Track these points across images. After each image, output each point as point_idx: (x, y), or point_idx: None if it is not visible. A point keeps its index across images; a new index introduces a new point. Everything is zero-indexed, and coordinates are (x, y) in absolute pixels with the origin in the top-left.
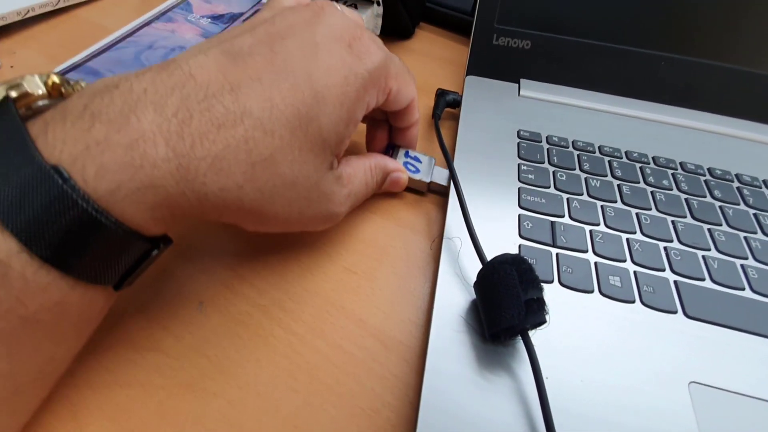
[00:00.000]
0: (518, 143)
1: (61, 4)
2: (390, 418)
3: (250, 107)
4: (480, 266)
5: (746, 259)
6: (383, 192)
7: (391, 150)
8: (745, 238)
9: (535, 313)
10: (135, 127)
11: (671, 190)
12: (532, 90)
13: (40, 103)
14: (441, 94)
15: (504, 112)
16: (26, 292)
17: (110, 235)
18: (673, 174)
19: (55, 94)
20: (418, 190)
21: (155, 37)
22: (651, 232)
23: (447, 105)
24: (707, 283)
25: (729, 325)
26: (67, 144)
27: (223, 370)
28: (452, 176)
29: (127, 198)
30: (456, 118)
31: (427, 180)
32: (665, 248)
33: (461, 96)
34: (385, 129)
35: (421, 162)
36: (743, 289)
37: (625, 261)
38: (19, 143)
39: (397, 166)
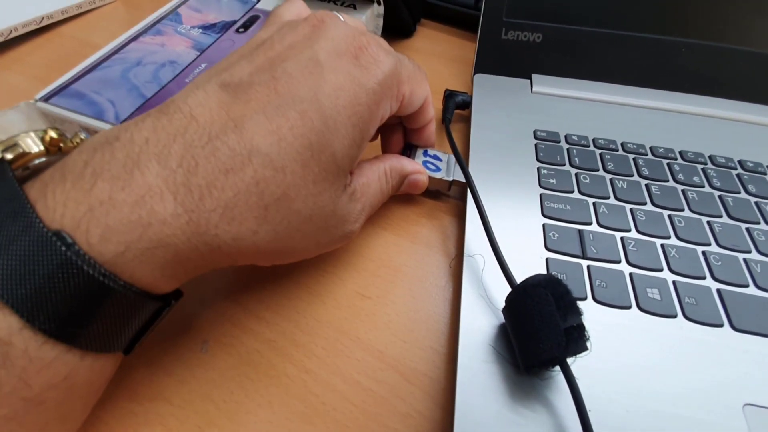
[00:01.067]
0: (536, 145)
1: (45, 22)
2: None
3: (257, 144)
4: (508, 288)
5: None
6: (400, 194)
7: (408, 150)
8: None
9: (576, 342)
10: (140, 182)
11: (703, 187)
12: (545, 85)
13: (37, 161)
14: (450, 95)
15: (517, 112)
16: (30, 371)
17: (120, 299)
18: (703, 169)
19: (54, 150)
20: (439, 190)
21: (144, 52)
22: (686, 235)
23: (456, 107)
24: (752, 290)
25: None
26: (68, 207)
27: (232, 416)
28: (470, 186)
29: (136, 259)
30: (466, 120)
31: (449, 178)
32: (703, 253)
33: (470, 96)
34: (399, 131)
35: (441, 160)
36: None
37: (662, 270)
38: (17, 209)
39: (415, 167)
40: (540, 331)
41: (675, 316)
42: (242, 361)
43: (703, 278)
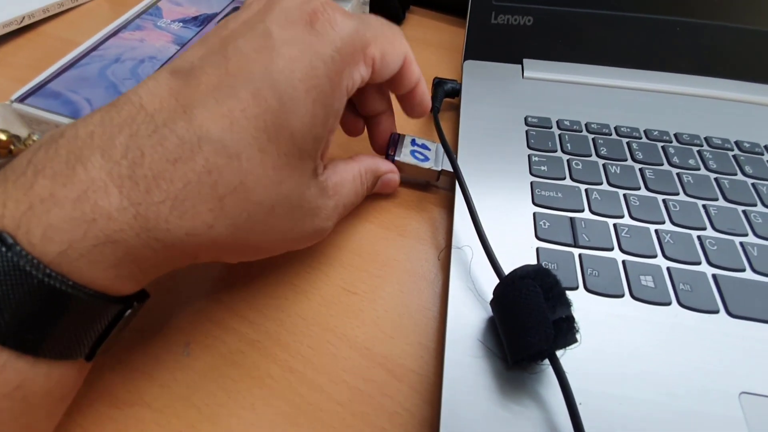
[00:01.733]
0: (527, 131)
1: (27, 21)
2: None
3: (207, 130)
4: (496, 279)
5: None
6: (375, 194)
7: (395, 140)
8: None
9: (565, 334)
10: (82, 177)
11: (699, 170)
12: (537, 70)
13: None
14: (438, 83)
15: (508, 98)
16: None
17: (70, 302)
18: (699, 151)
19: (4, 153)
20: (428, 181)
21: (123, 48)
22: (681, 220)
23: (446, 95)
24: (749, 274)
25: None
26: (8, 207)
27: (214, 420)
28: (457, 175)
29: (83, 258)
30: (456, 109)
31: (438, 168)
32: (699, 237)
33: (460, 84)
34: (385, 120)
35: (429, 150)
36: None
37: (656, 256)
38: None
39: (389, 167)
40: (528, 323)
41: (669, 304)
42: (225, 362)
43: (699, 263)
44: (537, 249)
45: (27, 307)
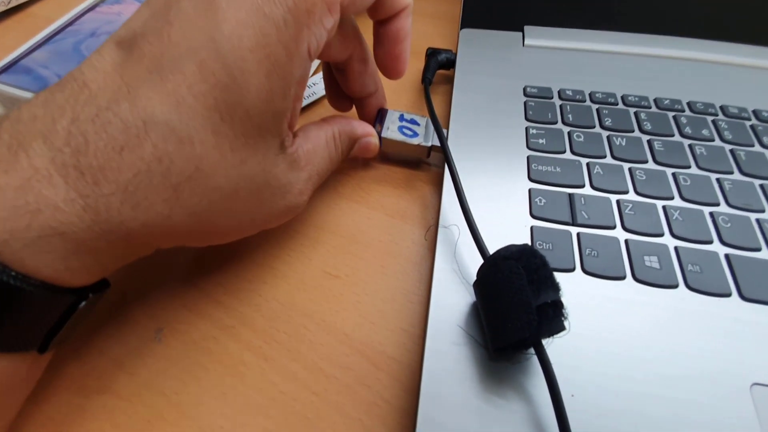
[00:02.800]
0: (525, 102)
1: (14, 3)
2: None
3: (152, 112)
4: (481, 260)
5: None
6: (353, 158)
7: (382, 116)
8: None
9: (551, 321)
10: (24, 165)
11: (713, 141)
12: (538, 37)
13: None
14: (432, 54)
15: (506, 68)
16: None
17: (12, 292)
18: (713, 121)
19: None
20: (419, 158)
21: (99, 22)
22: (692, 195)
23: (439, 66)
24: (765, 254)
25: None
26: None
27: (183, 409)
28: (443, 149)
29: (27, 248)
30: (451, 81)
31: (428, 144)
32: (711, 214)
33: (455, 54)
34: (374, 101)
35: (418, 125)
36: None
37: (662, 235)
38: None
39: (366, 129)
40: (509, 309)
41: (676, 286)
42: (197, 349)
43: (710, 242)
44: (531, 228)
45: None
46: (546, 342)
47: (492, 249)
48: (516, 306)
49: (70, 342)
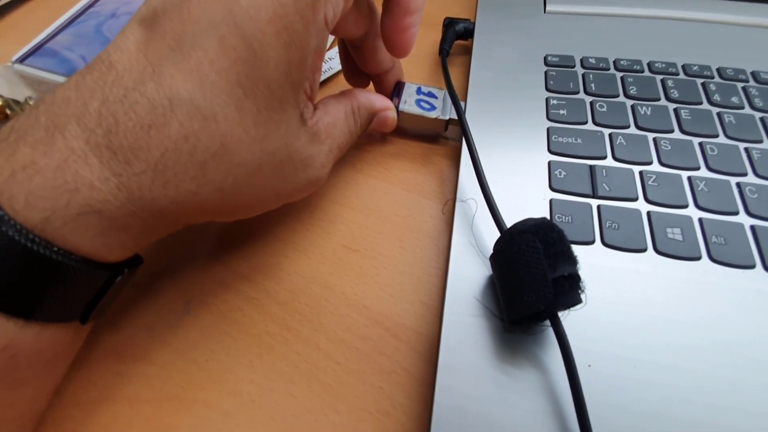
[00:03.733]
0: (546, 72)
1: None
2: (401, 421)
3: (176, 90)
4: (498, 234)
5: None
6: (370, 133)
7: (400, 89)
8: None
9: (567, 294)
10: (61, 146)
11: (743, 108)
12: (560, 3)
13: None
14: (449, 24)
15: (527, 36)
16: None
17: (55, 267)
18: (744, 87)
19: (0, 117)
20: (437, 132)
21: (118, 3)
22: (719, 165)
23: (457, 36)
24: None
25: None
26: None
27: (214, 377)
28: (461, 122)
29: (67, 225)
30: (469, 52)
31: (446, 117)
32: (738, 184)
33: (474, 23)
34: (392, 77)
35: (436, 98)
36: None
37: (686, 206)
38: None
39: (384, 103)
40: (525, 282)
41: (699, 258)
42: (224, 320)
43: (736, 213)
44: (550, 201)
45: (8, 270)
46: (563, 314)
47: (510, 223)
48: (532, 279)
49: (106, 314)
